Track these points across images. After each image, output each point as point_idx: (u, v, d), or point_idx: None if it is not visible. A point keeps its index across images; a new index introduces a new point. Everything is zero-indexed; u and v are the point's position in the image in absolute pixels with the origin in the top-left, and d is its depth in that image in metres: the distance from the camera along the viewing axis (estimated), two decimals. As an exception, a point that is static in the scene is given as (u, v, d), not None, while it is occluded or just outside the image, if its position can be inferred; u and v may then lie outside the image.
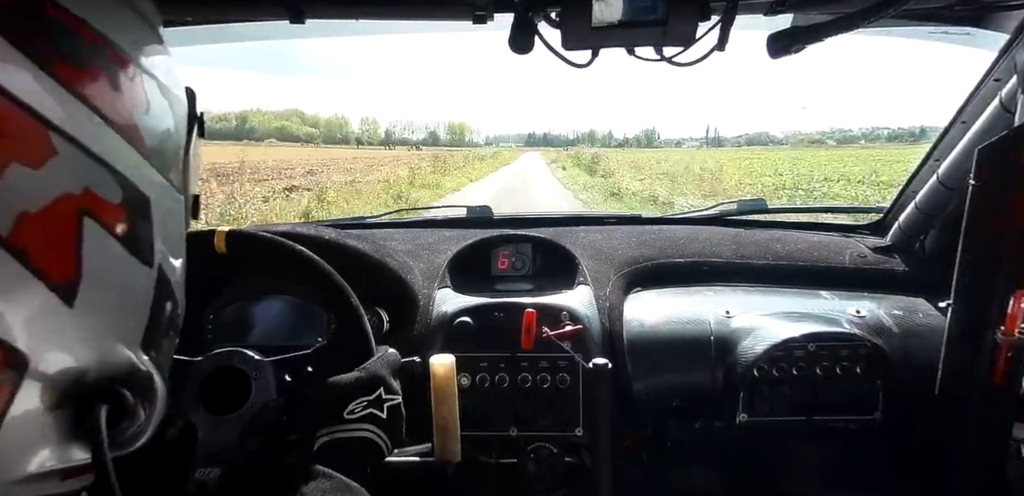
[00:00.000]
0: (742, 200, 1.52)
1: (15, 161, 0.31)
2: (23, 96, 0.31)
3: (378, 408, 0.67)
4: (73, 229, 0.35)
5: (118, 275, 0.39)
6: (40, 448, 0.36)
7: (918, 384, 0.99)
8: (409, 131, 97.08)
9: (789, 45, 0.69)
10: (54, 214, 0.33)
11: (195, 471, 0.66)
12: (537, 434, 1.03)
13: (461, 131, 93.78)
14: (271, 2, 0.72)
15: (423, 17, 0.77)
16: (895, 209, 1.31)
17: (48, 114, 0.33)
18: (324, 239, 1.00)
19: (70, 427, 0.38)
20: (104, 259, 0.37)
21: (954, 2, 0.83)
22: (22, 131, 0.32)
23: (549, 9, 0.67)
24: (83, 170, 0.35)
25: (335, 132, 69.85)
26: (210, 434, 0.70)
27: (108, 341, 0.39)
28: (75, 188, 0.35)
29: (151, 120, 0.41)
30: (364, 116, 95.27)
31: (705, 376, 1.04)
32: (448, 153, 48.81)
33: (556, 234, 1.29)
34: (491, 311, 1.06)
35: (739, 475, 1.20)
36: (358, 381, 0.68)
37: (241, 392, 0.73)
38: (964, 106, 1.06)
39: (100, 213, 0.36)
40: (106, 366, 0.39)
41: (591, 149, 57.66)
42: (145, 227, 0.41)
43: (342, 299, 0.76)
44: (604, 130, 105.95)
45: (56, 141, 0.33)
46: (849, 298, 1.13)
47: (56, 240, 0.34)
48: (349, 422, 0.65)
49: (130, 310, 0.41)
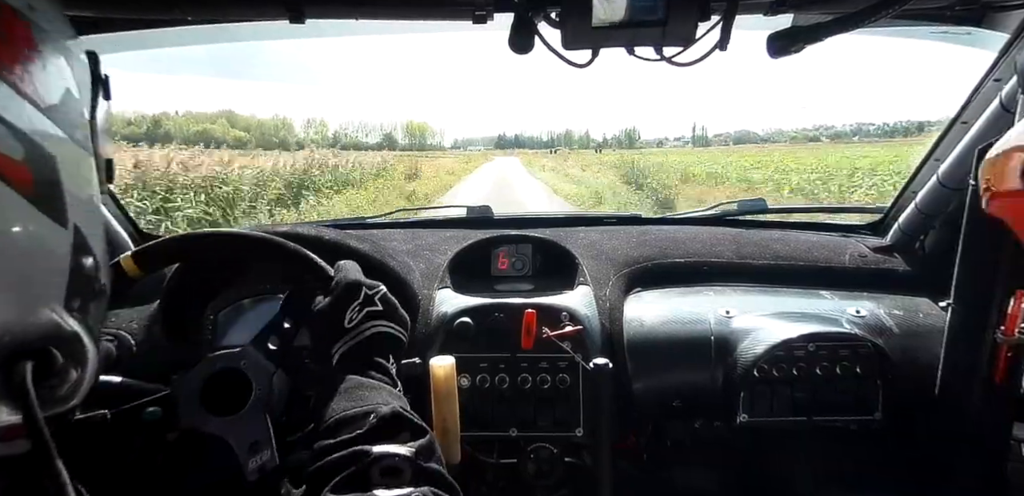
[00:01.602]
0: (742, 200, 1.52)
1: None
2: None
3: (371, 304, 0.69)
4: None
5: (29, 233, 0.39)
6: None
7: (918, 384, 0.99)
8: (363, 133, 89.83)
9: (789, 45, 0.69)
10: None
11: (247, 462, 0.68)
12: (537, 434, 1.03)
13: (422, 133, 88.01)
14: (271, 2, 0.72)
15: (423, 17, 0.77)
16: (895, 209, 1.31)
17: None
18: (324, 239, 1.00)
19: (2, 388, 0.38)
20: (12, 217, 0.37)
21: (954, 2, 0.83)
22: None
23: (549, 9, 0.67)
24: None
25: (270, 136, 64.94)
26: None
27: (27, 301, 0.39)
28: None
29: (49, 78, 0.41)
30: (310, 117, 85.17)
31: (705, 376, 1.04)
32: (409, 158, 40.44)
33: (556, 234, 1.29)
34: (491, 311, 1.06)
35: (739, 475, 1.20)
36: (339, 295, 0.69)
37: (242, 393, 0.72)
38: (964, 106, 1.06)
39: (3, 170, 0.36)
40: (29, 326, 0.39)
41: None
42: (54, 186, 0.41)
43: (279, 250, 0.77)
44: (581, 130, 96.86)
45: None
46: (849, 298, 1.13)
47: None
48: (353, 329, 0.67)
49: (47, 270, 0.41)
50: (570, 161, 39.71)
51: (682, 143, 62.05)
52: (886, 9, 0.62)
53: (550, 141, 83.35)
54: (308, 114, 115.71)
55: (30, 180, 0.39)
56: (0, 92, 0.37)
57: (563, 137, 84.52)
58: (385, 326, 0.69)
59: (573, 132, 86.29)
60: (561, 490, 1.06)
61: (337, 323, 0.68)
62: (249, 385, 0.72)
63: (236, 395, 0.72)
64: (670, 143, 61.26)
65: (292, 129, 73.35)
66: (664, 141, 67.58)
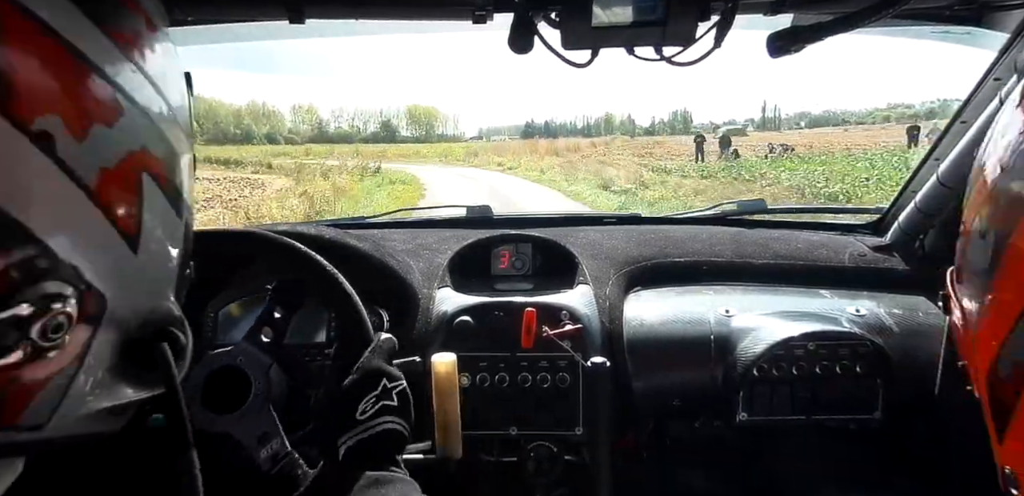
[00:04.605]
0: (742, 200, 1.52)
1: (96, 122, 0.35)
2: (98, 62, 0.35)
3: (387, 398, 0.68)
4: (136, 183, 0.38)
5: (164, 226, 0.42)
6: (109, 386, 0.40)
7: (918, 384, 1.00)
8: (360, 120, 72.85)
9: (789, 45, 0.69)
10: (124, 169, 0.37)
11: (258, 453, 0.68)
12: (537, 433, 1.03)
13: (429, 120, 69.42)
14: (271, 2, 0.72)
15: (423, 17, 0.77)
16: (895, 209, 1.31)
17: (116, 78, 0.36)
18: (324, 238, 1.00)
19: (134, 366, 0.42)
20: (155, 211, 0.41)
21: (954, 2, 0.84)
22: (101, 94, 0.35)
23: (549, 9, 0.67)
24: (142, 129, 0.39)
25: (227, 126, 53.11)
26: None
27: (158, 288, 0.44)
28: (137, 145, 0.38)
29: (173, 80, 0.44)
30: (296, 104, 71.44)
31: (705, 375, 1.04)
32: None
33: (556, 234, 1.30)
34: (491, 310, 1.06)
35: (738, 474, 1.20)
36: (358, 381, 0.69)
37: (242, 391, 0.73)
38: (964, 106, 1.06)
39: (154, 169, 0.40)
40: (158, 312, 0.43)
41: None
42: (179, 181, 0.44)
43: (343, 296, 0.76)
44: (622, 114, 77.10)
45: (123, 102, 0.37)
46: (849, 297, 1.14)
47: (126, 193, 0.38)
48: (365, 421, 0.66)
49: (170, 260, 0.45)
50: (625, 155, 26.88)
51: (741, 126, 50.72)
52: (886, 9, 0.62)
53: (586, 128, 67.90)
54: (297, 101, 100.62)
55: (167, 176, 0.42)
56: (155, 99, 0.40)
57: (601, 122, 68.19)
58: (396, 423, 0.67)
59: (614, 116, 69.29)
60: (561, 488, 1.06)
61: (348, 413, 0.66)
62: (248, 380, 0.73)
63: (237, 392, 0.72)
64: (724, 128, 49.39)
65: (272, 117, 62.33)
66: (718, 126, 55.62)
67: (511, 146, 35.53)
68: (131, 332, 0.41)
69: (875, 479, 1.11)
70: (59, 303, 0.33)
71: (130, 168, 0.38)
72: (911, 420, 1.05)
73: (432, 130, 67.07)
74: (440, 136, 63.87)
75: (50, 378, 0.35)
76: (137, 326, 0.41)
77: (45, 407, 0.35)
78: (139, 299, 0.41)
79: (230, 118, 55.34)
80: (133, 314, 0.41)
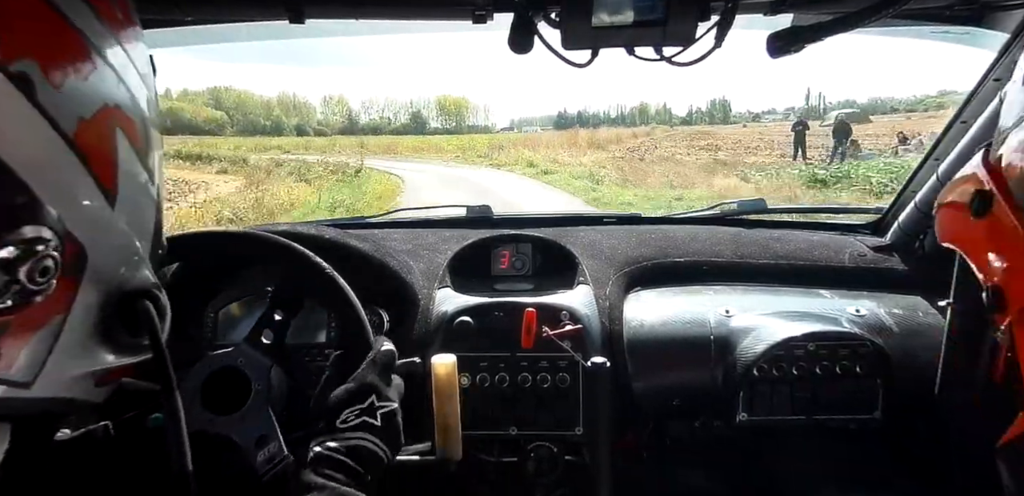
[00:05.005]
0: (742, 200, 1.52)
1: (71, 73, 0.37)
2: (75, 21, 0.38)
3: (371, 416, 0.66)
4: (112, 138, 0.40)
5: (136, 182, 0.44)
6: (94, 347, 0.42)
7: (918, 384, 1.00)
8: (391, 111, 69.54)
9: (789, 45, 0.69)
10: (99, 122, 0.39)
11: (255, 456, 0.68)
12: (537, 433, 1.03)
13: (458, 111, 66.81)
14: (271, 2, 0.72)
15: (423, 17, 0.77)
16: (895, 208, 1.31)
17: (91, 37, 0.39)
18: (324, 238, 1.00)
19: (117, 327, 0.43)
20: (128, 167, 0.42)
21: (954, 2, 0.84)
22: (75, 48, 0.38)
23: (549, 9, 0.67)
24: (114, 87, 0.41)
25: (257, 117, 51.50)
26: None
27: (135, 252, 0.44)
28: (111, 101, 0.40)
29: (141, 52, 0.46)
30: (327, 95, 68.54)
31: (705, 375, 1.04)
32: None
33: (556, 234, 1.30)
34: (491, 311, 1.06)
35: (739, 474, 1.20)
36: (348, 391, 0.68)
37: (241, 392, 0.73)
38: (964, 106, 1.06)
39: (126, 127, 0.42)
40: (137, 277, 0.44)
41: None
42: (149, 144, 0.46)
43: (342, 297, 0.76)
44: (657, 103, 71.04)
45: (96, 59, 0.39)
46: (849, 297, 1.14)
47: (102, 146, 0.39)
48: (342, 431, 0.64)
49: (145, 222, 0.46)
50: (680, 147, 21.74)
51: (783, 116, 45.43)
52: (886, 9, 0.62)
53: (620, 117, 64.15)
54: (328, 92, 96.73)
55: (138, 137, 0.43)
56: (126, 64, 0.42)
57: (636, 112, 64.16)
58: (371, 442, 0.64)
59: (648, 105, 64.80)
60: (561, 489, 1.06)
61: (331, 417, 0.65)
62: (248, 382, 0.72)
63: (236, 393, 0.72)
64: (767, 117, 46.54)
65: (303, 109, 60.16)
66: (757, 115, 51.79)
67: (544, 138, 29.03)
68: (112, 293, 0.42)
69: (875, 479, 1.11)
70: (42, 246, 0.34)
71: (105, 122, 0.40)
72: (911, 420, 1.05)
73: (462, 121, 64.31)
74: (471, 127, 60.95)
75: (38, 328, 0.36)
76: (117, 287, 0.42)
77: (33, 361, 0.37)
78: (118, 258, 0.42)
79: (259, 110, 54.63)
80: (112, 274, 0.42)
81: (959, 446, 0.98)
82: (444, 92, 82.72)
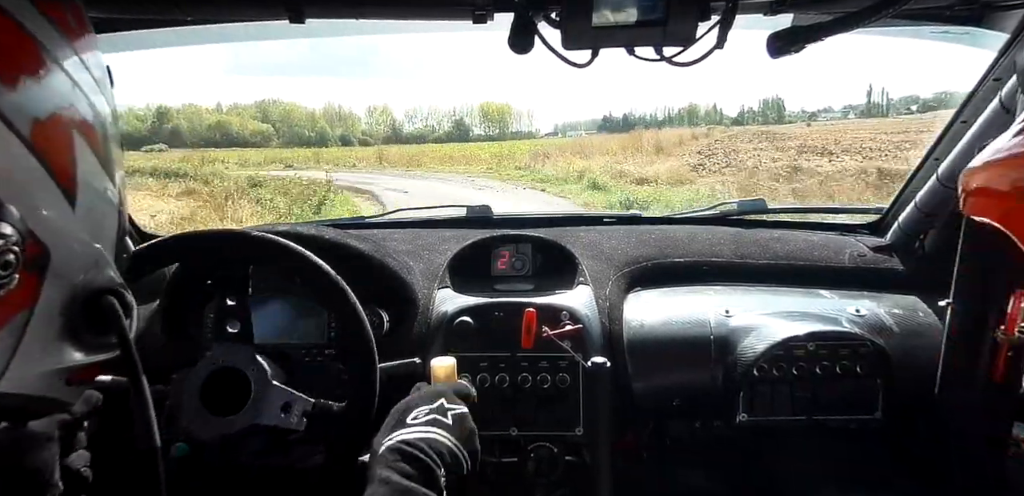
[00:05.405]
0: (742, 200, 1.52)
1: (24, 74, 0.38)
2: (29, 28, 0.38)
3: (442, 414, 0.67)
4: (69, 138, 0.41)
5: (96, 185, 0.44)
6: (61, 344, 0.42)
7: (918, 384, 1.00)
8: (435, 119, 67.31)
9: (789, 45, 0.69)
10: (55, 123, 0.40)
11: (286, 419, 0.72)
12: (537, 433, 1.03)
13: (502, 117, 64.42)
14: (271, 2, 0.72)
15: (423, 17, 0.77)
16: (895, 209, 1.31)
17: (45, 43, 0.40)
18: (324, 239, 1.00)
19: (83, 325, 0.43)
20: (88, 169, 0.43)
21: (954, 2, 0.84)
22: (27, 49, 0.39)
23: (549, 9, 0.67)
24: (68, 90, 0.42)
25: (302, 128, 52.03)
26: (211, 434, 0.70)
27: (98, 253, 0.45)
28: (66, 103, 0.41)
29: (96, 60, 0.47)
30: (371, 105, 66.03)
31: (705, 376, 1.04)
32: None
33: (556, 234, 1.30)
34: (491, 311, 1.06)
35: (739, 474, 1.20)
36: (419, 395, 0.71)
37: (241, 392, 0.73)
38: (964, 106, 1.06)
39: (83, 129, 0.43)
40: (101, 276, 0.45)
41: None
42: (108, 148, 0.46)
43: (341, 297, 0.76)
44: (707, 103, 67.72)
45: (48, 62, 0.40)
46: (849, 297, 1.14)
47: (60, 146, 0.40)
48: (412, 426, 0.66)
49: (107, 226, 0.46)
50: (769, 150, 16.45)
51: (841, 113, 42.15)
52: (886, 9, 0.62)
53: (667, 119, 57.46)
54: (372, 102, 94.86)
55: (96, 138, 0.44)
56: (80, 69, 0.43)
57: (685, 113, 58.30)
58: (443, 437, 0.65)
59: (698, 106, 59.27)
60: (561, 489, 1.06)
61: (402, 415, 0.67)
62: (242, 375, 0.73)
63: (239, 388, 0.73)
64: (823, 115, 42.46)
65: (348, 119, 59.24)
66: (813, 114, 46.66)
67: (596, 143, 24.03)
68: (77, 291, 0.42)
69: (875, 479, 1.11)
70: (2, 241, 0.35)
71: (60, 124, 0.40)
72: (911, 420, 1.05)
73: (506, 127, 61.99)
74: (514, 134, 58.02)
75: (3, 323, 0.37)
76: (82, 285, 0.43)
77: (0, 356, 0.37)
78: (80, 256, 0.43)
79: (305, 121, 54.66)
80: (77, 271, 0.42)
81: (959, 446, 0.98)
82: (487, 99, 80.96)
